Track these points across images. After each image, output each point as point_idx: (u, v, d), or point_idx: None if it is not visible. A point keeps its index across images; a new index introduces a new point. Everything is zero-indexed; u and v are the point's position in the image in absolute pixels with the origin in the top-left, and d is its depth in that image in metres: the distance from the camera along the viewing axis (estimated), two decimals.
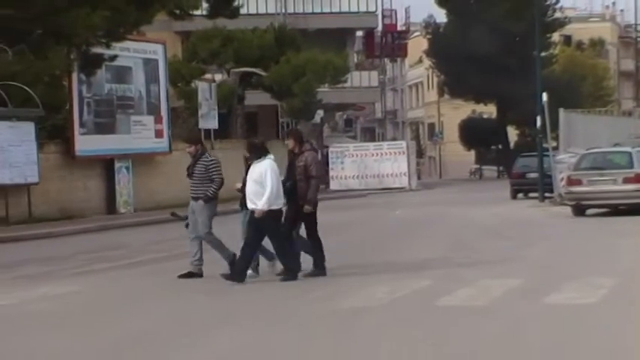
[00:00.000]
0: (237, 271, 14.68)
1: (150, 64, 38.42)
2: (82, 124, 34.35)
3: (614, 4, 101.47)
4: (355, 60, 66.77)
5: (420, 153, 77.81)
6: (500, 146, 70.12)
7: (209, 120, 41.47)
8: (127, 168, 35.99)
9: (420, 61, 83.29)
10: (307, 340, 10.40)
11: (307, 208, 14.98)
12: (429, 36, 68.57)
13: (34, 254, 21.40)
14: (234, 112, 47.92)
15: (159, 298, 13.85)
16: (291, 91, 47.73)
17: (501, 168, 67.09)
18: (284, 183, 14.86)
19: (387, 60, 79.55)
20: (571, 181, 27.46)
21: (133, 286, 15.00)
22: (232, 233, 16.24)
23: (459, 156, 77.49)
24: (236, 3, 44.30)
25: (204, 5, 41.12)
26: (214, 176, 15.54)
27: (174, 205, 37.45)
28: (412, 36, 78.44)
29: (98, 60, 33.23)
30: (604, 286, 13.18)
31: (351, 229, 26.30)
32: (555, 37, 66.62)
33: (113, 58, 33.98)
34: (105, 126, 35.66)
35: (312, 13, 58.07)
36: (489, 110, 71.99)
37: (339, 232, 25.12)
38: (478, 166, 75.86)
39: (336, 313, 11.89)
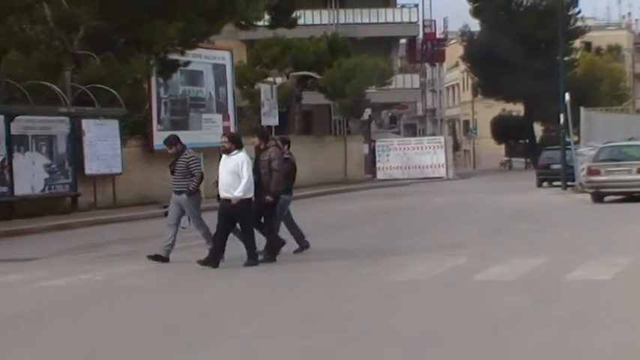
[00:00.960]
0: (211, 257, 14.21)
1: (219, 69, 38.61)
2: (159, 122, 34.60)
3: (629, 14, 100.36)
4: (399, 64, 66.54)
5: (456, 147, 77.51)
6: (527, 140, 69.60)
7: (270, 118, 41.58)
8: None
9: (457, 65, 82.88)
10: (359, 309, 10.48)
11: (267, 198, 14.49)
12: (464, 43, 68.23)
13: (119, 235, 21.56)
14: (292, 110, 47.99)
15: (227, 274, 13.91)
16: (343, 91, 47.72)
17: (528, 160, 66.63)
18: None
19: (427, 64, 79.21)
20: (591, 171, 27.33)
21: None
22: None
23: (491, 149, 77.06)
24: (294, 15, 44.51)
25: (267, 17, 41.32)
26: (194, 171, 15.28)
27: None
28: (449, 43, 78.00)
29: (174, 65, 33.46)
30: (619, 265, 13.17)
31: (396, 214, 26.30)
32: (577, 43, 65.95)
33: (187, 63, 34.17)
34: (179, 123, 35.86)
35: (361, 24, 58.02)
36: (518, 109, 71.54)
37: (386, 217, 25.21)
38: (508, 158, 75.33)
39: (384, 286, 11.97)
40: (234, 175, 14.15)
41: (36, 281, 13.73)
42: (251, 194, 14.26)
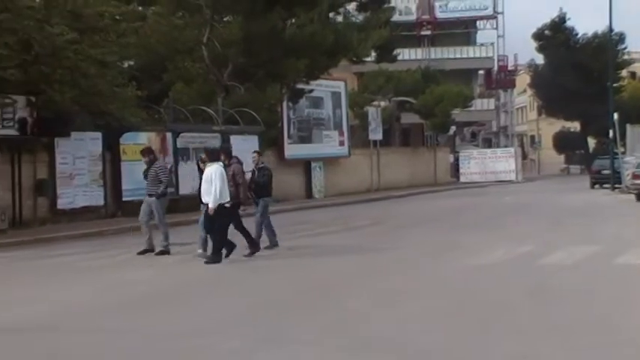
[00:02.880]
0: (215, 252, 13.31)
1: (335, 95, 38.74)
2: (289, 137, 34.89)
3: None
4: (478, 91, 65.79)
5: (524, 156, 75.69)
6: (582, 151, 68.11)
7: (376, 134, 41.54)
8: (320, 167, 36.33)
9: (524, 91, 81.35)
10: (447, 285, 10.36)
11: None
12: (530, 73, 67.11)
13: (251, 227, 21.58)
14: (393, 128, 47.92)
15: (328, 258, 13.82)
16: (434, 112, 47.54)
17: (583, 167, 65.11)
18: None
19: (500, 90, 78.00)
20: (635, 176, 26.60)
21: (315, 249, 15.03)
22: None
23: (552, 158, 75.60)
24: (395, 52, 44.40)
25: (373, 54, 41.30)
26: (162, 177, 14.59)
27: (353, 193, 37.70)
28: (519, 73, 76.65)
29: (300, 93, 33.70)
30: None
31: (475, 209, 25.96)
32: (624, 72, 64.21)
33: (311, 91, 34.40)
34: (305, 138, 36.12)
35: (448, 58, 57.81)
36: (575, 125, 70.03)
37: (467, 212, 24.89)
38: (566, 165, 73.82)
39: (465, 268, 11.79)
40: (209, 184, 13.29)
41: (194, 260, 13.94)
42: (224, 200, 13.24)
